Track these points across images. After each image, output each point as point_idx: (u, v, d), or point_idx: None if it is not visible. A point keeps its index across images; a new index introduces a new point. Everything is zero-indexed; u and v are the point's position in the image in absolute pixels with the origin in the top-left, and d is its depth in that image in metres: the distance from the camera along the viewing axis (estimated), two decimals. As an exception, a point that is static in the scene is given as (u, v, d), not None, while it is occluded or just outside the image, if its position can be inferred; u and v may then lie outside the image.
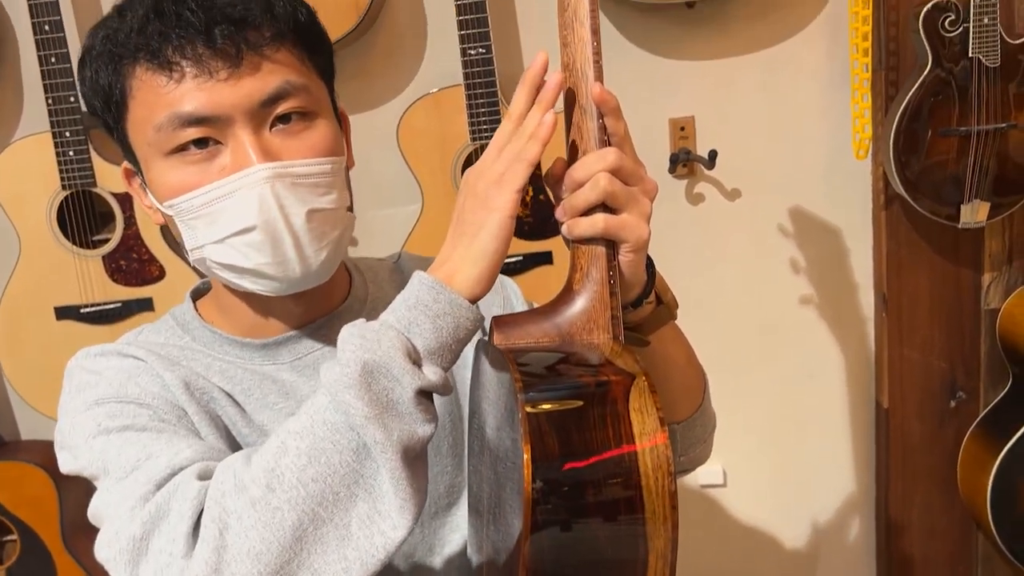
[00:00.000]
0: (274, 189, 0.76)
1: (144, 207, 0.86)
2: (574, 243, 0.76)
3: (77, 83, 0.83)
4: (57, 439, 0.82)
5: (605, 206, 0.73)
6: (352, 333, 0.69)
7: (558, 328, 0.76)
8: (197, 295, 0.93)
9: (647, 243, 0.74)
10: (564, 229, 0.75)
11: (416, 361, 0.69)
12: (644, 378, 0.65)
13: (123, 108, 0.79)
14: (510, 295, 1.00)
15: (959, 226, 1.71)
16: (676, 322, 0.88)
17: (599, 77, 0.74)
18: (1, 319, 1.77)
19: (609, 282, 0.75)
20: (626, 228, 0.73)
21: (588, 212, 0.73)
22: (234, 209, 0.76)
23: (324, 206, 0.79)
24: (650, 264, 0.79)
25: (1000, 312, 1.80)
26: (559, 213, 0.76)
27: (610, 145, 0.74)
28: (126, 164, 0.85)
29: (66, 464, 0.80)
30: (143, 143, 0.79)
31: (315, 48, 0.82)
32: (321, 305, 0.89)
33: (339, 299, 0.91)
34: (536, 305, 1.00)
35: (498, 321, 0.77)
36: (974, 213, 1.68)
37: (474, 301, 0.72)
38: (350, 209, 0.84)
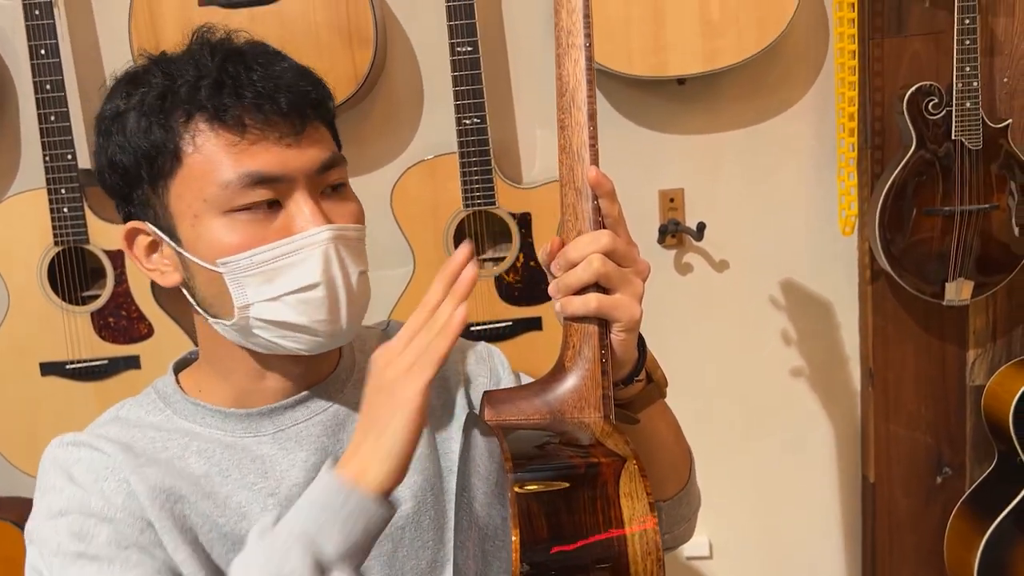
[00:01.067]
0: (337, 249, 0.80)
1: (146, 269, 0.85)
2: (567, 320, 0.77)
3: (98, 142, 0.82)
4: (27, 530, 0.83)
5: (598, 286, 0.74)
6: (260, 546, 0.71)
7: (549, 405, 0.76)
8: (181, 367, 0.93)
9: (639, 323, 0.76)
10: (557, 307, 0.76)
11: (326, 569, 0.69)
12: (634, 461, 0.65)
13: (175, 164, 0.79)
14: (496, 365, 1.01)
15: (944, 303, 1.73)
16: (664, 399, 0.88)
17: (595, 160, 0.76)
18: (-15, 374, 1.75)
19: (601, 360, 0.75)
20: (618, 308, 0.74)
21: (581, 291, 0.74)
22: (300, 267, 0.79)
23: (365, 269, 0.84)
24: (641, 342, 0.80)
25: (985, 390, 1.82)
26: (552, 291, 0.77)
27: (604, 227, 0.75)
28: (136, 224, 0.84)
29: (31, 559, 0.82)
30: (196, 199, 0.79)
31: (336, 134, 0.87)
32: (319, 370, 0.90)
33: (330, 366, 0.92)
34: (523, 374, 1.01)
35: (489, 396, 0.77)
36: (958, 291, 1.71)
37: (387, 495, 0.73)
38: None
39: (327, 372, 0.91)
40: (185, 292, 0.85)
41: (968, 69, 1.59)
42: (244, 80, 0.77)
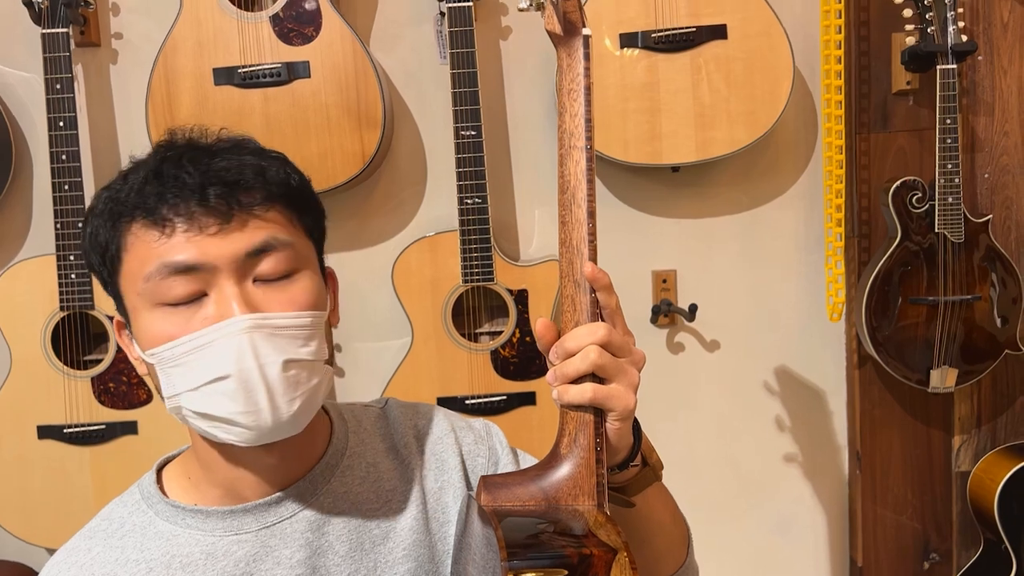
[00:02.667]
0: (252, 339, 0.78)
1: (132, 359, 0.88)
2: (563, 408, 0.80)
3: (81, 238, 0.88)
4: None
5: (595, 376, 0.77)
6: None
7: (544, 492, 0.78)
8: (166, 462, 0.94)
9: (633, 412, 0.78)
10: (554, 395, 0.79)
11: None
12: (625, 553, 0.67)
13: (118, 262, 0.83)
14: (495, 444, 1.01)
15: (929, 390, 1.76)
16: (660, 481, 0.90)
17: (593, 256, 0.80)
18: (-18, 436, 1.76)
19: (596, 449, 0.78)
20: (613, 398, 0.76)
21: (578, 381, 0.77)
22: (211, 358, 0.79)
23: (301, 357, 0.81)
24: (636, 427, 0.82)
25: (970, 476, 1.84)
26: (550, 378, 0.79)
27: (601, 318, 0.79)
28: (118, 317, 0.88)
29: None
30: (133, 294, 0.82)
31: (304, 210, 0.86)
32: (300, 458, 0.89)
33: (318, 452, 0.91)
34: (520, 452, 1.03)
35: (486, 481, 0.79)
36: (943, 379, 1.74)
37: None
38: (328, 363, 0.86)
39: (313, 460, 0.90)
40: (148, 380, 0.87)
41: (950, 166, 1.66)
42: (171, 180, 0.80)
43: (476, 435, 1.00)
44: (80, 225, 0.88)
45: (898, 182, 1.70)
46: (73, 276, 1.72)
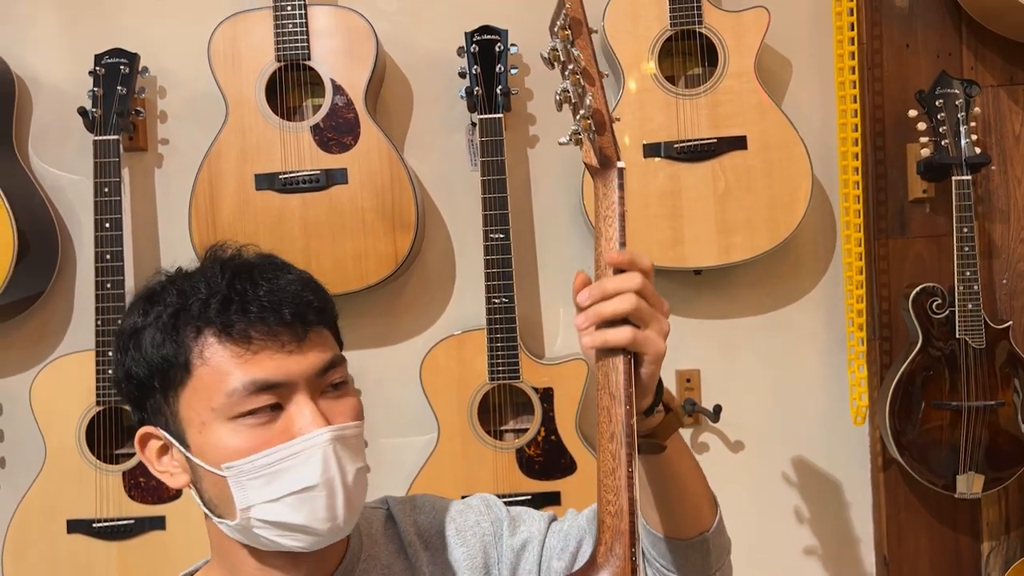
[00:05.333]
0: (335, 450, 0.84)
1: (156, 471, 0.89)
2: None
3: (116, 356, 0.87)
4: None
5: (628, 321, 0.80)
6: None
7: (582, 602, 0.80)
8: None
9: (663, 356, 0.82)
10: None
11: None
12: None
13: (185, 375, 0.84)
14: (497, 514, 1.02)
15: (955, 496, 1.76)
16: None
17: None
18: (13, 528, 1.78)
19: (631, 559, 0.80)
20: (649, 341, 0.81)
21: (612, 326, 0.81)
22: (298, 469, 0.82)
23: (363, 463, 0.87)
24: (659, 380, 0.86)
25: (1001, 584, 1.82)
26: (581, 322, 0.82)
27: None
28: (149, 429, 0.87)
29: None
30: (204, 408, 0.84)
31: (338, 334, 0.93)
32: (324, 563, 0.91)
33: (338, 558, 0.93)
34: (514, 511, 1.03)
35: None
36: (970, 485, 1.74)
37: None
38: None
39: (334, 565, 0.92)
40: (193, 492, 0.89)
41: (968, 273, 1.69)
42: (250, 296, 0.83)
43: (476, 512, 1.02)
44: (121, 333, 0.88)
45: (918, 288, 1.73)
46: (111, 371, 1.76)
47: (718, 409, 1.85)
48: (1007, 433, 1.75)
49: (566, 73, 0.84)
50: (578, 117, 0.84)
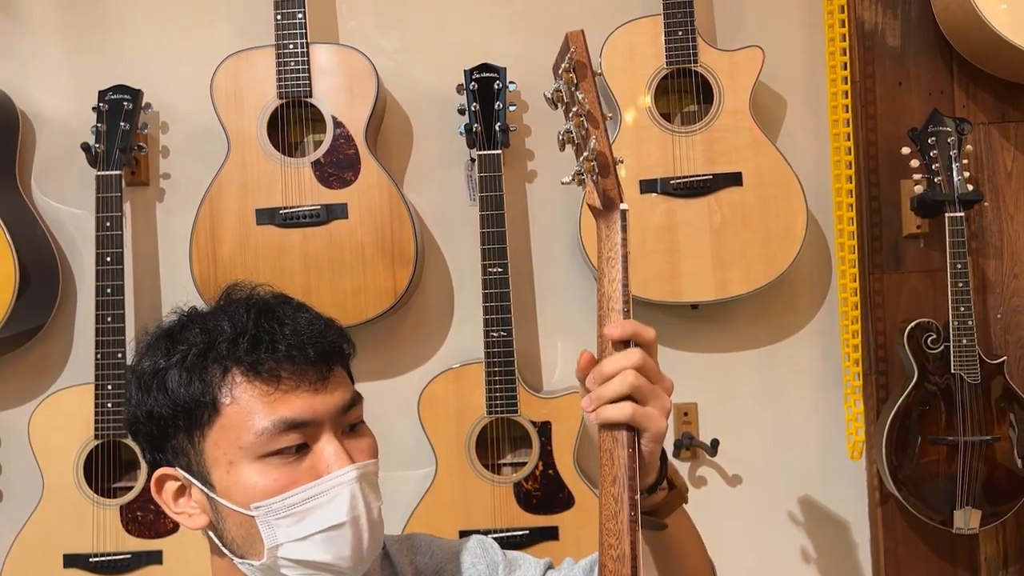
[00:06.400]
0: (361, 487, 0.85)
1: (173, 512, 0.89)
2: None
3: (136, 396, 0.87)
4: None
5: (630, 398, 0.80)
6: None
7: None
8: None
9: (664, 434, 0.82)
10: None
11: None
12: None
13: (212, 414, 0.84)
14: (492, 554, 1.03)
15: (953, 531, 1.76)
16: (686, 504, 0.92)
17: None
18: (10, 562, 1.77)
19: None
20: (649, 418, 0.80)
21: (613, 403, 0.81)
22: (328, 507, 0.84)
23: (382, 501, 0.89)
24: (663, 456, 0.86)
25: (1000, 620, 1.81)
26: (586, 404, 0.83)
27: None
28: (166, 471, 0.87)
29: None
30: (232, 447, 0.84)
31: (350, 371, 0.94)
32: None
33: None
34: (510, 554, 1.03)
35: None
36: (967, 520, 1.74)
37: None
38: None
39: None
40: (211, 534, 0.88)
41: (963, 308, 1.71)
42: (278, 335, 0.85)
43: (472, 555, 1.02)
44: (141, 373, 0.87)
45: (912, 324, 1.75)
46: (110, 405, 1.76)
47: (715, 443, 1.86)
48: (1004, 468, 1.75)
49: (570, 115, 0.85)
50: (581, 159, 0.85)
